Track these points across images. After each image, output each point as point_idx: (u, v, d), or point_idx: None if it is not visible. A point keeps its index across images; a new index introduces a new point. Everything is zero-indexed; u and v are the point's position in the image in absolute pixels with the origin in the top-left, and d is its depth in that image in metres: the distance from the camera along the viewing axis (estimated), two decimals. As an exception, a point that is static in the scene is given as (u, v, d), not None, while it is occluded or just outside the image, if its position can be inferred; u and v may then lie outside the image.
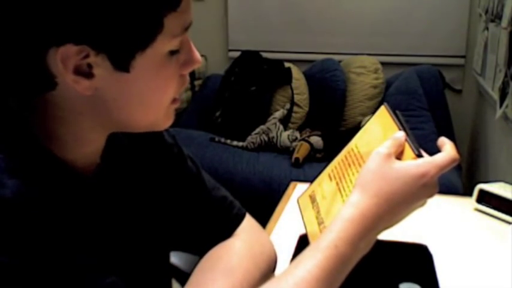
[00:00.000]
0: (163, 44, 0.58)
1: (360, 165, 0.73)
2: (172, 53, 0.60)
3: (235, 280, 0.74)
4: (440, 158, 0.65)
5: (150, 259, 0.76)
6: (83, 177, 0.64)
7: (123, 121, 0.62)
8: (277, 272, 0.88)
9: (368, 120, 0.81)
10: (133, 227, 0.72)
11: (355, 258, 0.64)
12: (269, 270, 0.84)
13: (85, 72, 0.56)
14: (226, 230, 0.83)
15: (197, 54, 0.64)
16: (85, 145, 0.64)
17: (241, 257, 0.79)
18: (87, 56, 0.55)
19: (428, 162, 0.65)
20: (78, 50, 0.54)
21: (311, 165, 2.41)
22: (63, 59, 0.54)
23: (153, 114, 0.63)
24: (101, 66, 0.56)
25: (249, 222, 0.86)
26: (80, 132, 0.62)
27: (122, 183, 0.72)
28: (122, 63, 0.56)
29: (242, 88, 2.83)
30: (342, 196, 0.73)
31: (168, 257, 0.84)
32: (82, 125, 0.61)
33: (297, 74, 2.83)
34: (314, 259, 0.61)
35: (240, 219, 0.85)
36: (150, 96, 0.61)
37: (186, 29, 0.60)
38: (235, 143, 2.64)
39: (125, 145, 0.73)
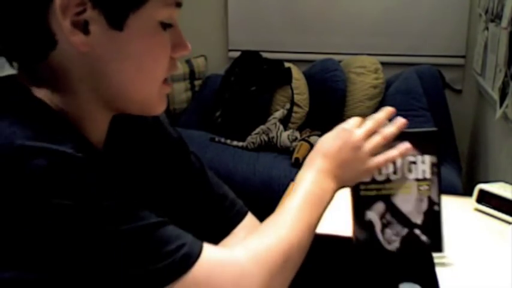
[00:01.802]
0: (155, 9, 0.61)
1: None
2: (164, 26, 0.63)
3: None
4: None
5: None
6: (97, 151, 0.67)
7: (120, 92, 0.64)
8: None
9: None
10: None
11: (325, 196, 0.76)
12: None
13: (82, 27, 0.58)
14: (227, 226, 0.83)
15: (186, 42, 0.68)
16: (91, 125, 0.65)
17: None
18: (84, 11, 0.57)
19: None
20: (78, 2, 0.57)
21: (311, 165, 2.41)
22: (63, 7, 0.56)
23: (147, 87, 0.65)
24: (97, 22, 0.58)
25: (251, 221, 0.86)
26: (83, 106, 0.63)
27: (124, 175, 0.72)
28: (116, 20, 0.59)
29: (242, 88, 2.83)
30: None
31: None
32: (83, 96, 0.63)
33: (297, 74, 2.83)
34: (296, 197, 0.74)
35: (242, 216, 0.85)
36: (143, 62, 0.63)
37: (178, 4, 0.64)
38: (235, 143, 2.64)
39: (129, 138, 0.74)
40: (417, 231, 0.86)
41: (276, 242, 0.67)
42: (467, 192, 1.40)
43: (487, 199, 1.28)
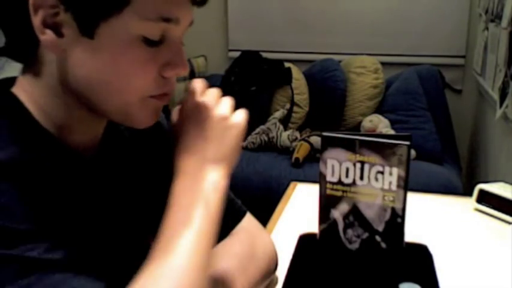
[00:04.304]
0: (131, 22, 0.57)
1: None
2: (149, 42, 0.59)
3: (235, 280, 0.74)
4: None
5: (141, 254, 0.75)
6: (81, 156, 0.65)
7: (94, 100, 0.62)
8: (278, 272, 0.88)
9: (369, 121, 0.84)
10: (126, 217, 0.72)
11: (210, 189, 0.70)
12: (269, 271, 0.83)
13: (56, 30, 0.58)
14: (226, 227, 0.83)
15: (184, 61, 0.63)
16: (79, 128, 0.65)
17: (242, 257, 0.79)
18: (58, 13, 0.57)
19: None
20: (52, 4, 0.56)
21: (311, 165, 2.41)
22: (36, 5, 0.56)
23: (122, 99, 0.62)
24: (70, 26, 0.57)
25: (250, 222, 0.86)
26: (68, 108, 0.63)
27: (120, 172, 0.72)
28: (87, 27, 0.57)
29: (242, 88, 2.83)
30: None
31: None
32: (67, 100, 0.62)
33: (297, 74, 2.83)
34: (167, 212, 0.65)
35: (240, 217, 0.85)
36: (113, 75, 0.59)
37: (166, 20, 0.59)
38: (235, 143, 2.64)
39: (127, 137, 0.74)
40: (377, 238, 0.87)
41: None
42: (467, 192, 1.40)
43: (487, 199, 1.28)
